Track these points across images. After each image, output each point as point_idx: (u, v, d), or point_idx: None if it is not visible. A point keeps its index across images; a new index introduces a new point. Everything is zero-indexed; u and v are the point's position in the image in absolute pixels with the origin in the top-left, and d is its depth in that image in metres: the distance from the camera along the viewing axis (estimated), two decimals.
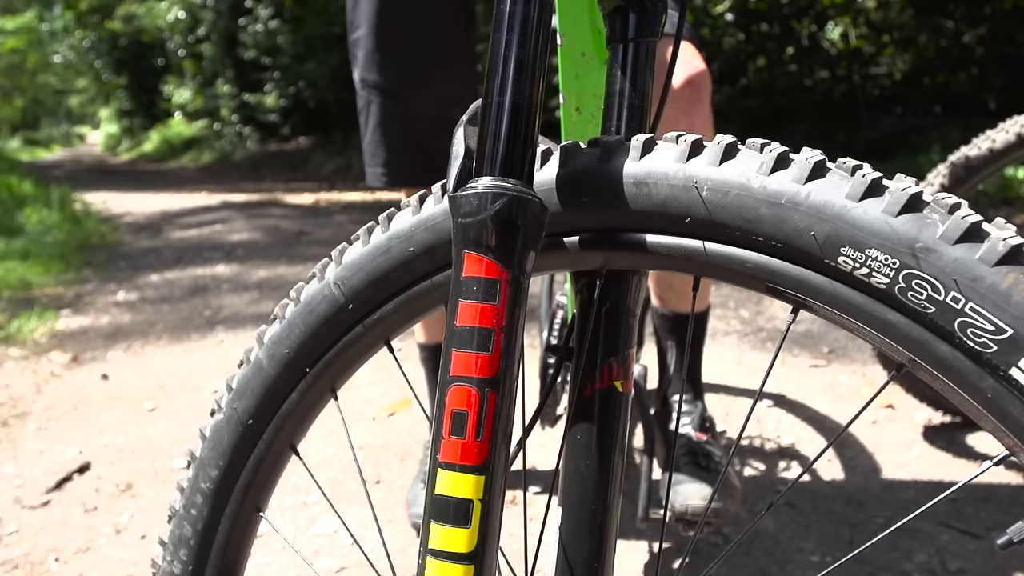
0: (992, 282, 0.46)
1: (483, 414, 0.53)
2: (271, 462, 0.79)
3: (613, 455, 0.67)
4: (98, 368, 2.95)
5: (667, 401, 1.58)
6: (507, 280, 0.54)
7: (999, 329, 0.46)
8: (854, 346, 2.81)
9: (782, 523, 1.73)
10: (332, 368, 0.74)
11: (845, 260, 0.50)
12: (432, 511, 0.53)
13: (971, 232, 0.47)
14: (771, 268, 0.54)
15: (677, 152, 0.58)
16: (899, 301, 0.49)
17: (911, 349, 0.49)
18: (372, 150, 1.65)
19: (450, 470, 0.53)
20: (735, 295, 3.58)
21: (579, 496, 0.68)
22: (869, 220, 0.49)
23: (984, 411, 0.47)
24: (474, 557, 0.53)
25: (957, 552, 1.61)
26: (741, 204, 0.54)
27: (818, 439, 2.13)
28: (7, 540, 1.77)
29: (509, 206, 0.54)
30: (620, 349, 0.68)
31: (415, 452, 2.09)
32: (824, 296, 0.52)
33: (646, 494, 1.37)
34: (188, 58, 17.20)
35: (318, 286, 0.73)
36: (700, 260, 0.57)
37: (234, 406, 0.77)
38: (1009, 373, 0.46)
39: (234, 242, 5.73)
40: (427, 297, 0.69)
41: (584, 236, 0.62)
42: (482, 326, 0.54)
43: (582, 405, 0.68)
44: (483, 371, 0.53)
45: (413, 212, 0.69)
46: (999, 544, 0.47)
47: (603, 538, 0.67)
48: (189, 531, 0.80)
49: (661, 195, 0.57)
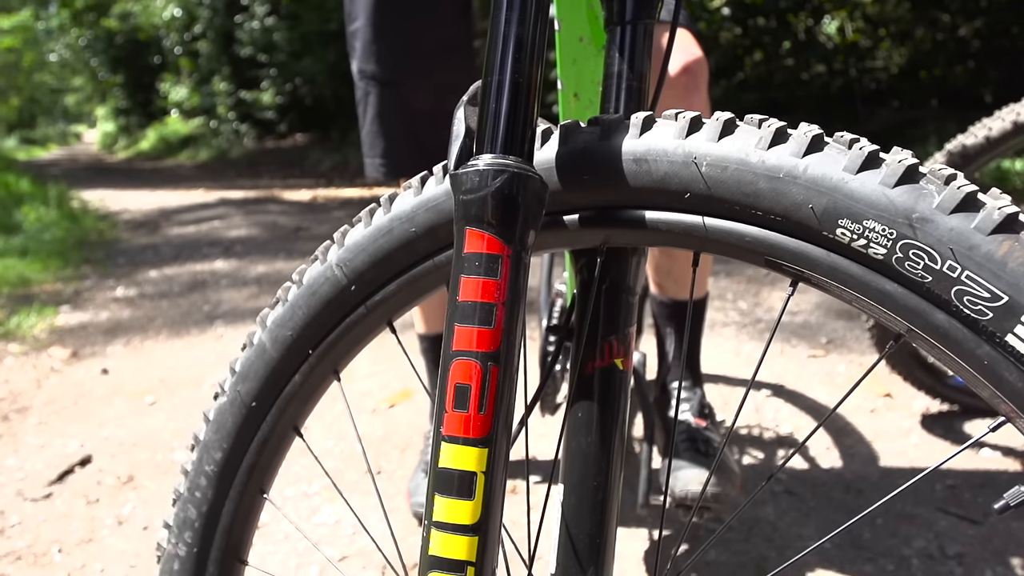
0: (988, 250, 0.47)
1: (486, 388, 0.54)
2: (275, 444, 0.79)
3: (614, 432, 0.68)
4: (98, 363, 2.95)
5: (666, 388, 1.58)
6: (508, 256, 0.55)
7: (995, 296, 0.46)
8: (852, 336, 2.82)
9: (781, 510, 1.74)
10: (335, 350, 0.75)
11: (843, 232, 0.51)
12: (436, 483, 0.54)
13: (967, 202, 0.48)
14: (770, 241, 0.55)
15: (676, 129, 0.58)
16: (896, 271, 0.50)
17: (908, 319, 0.50)
18: (371, 141, 1.65)
19: (453, 443, 0.54)
20: (733, 287, 3.59)
21: (580, 473, 0.69)
22: (866, 192, 0.50)
23: (981, 378, 0.48)
24: (478, 529, 0.53)
25: (955, 537, 1.62)
26: (740, 179, 0.55)
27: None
28: (9, 532, 1.78)
29: (510, 182, 0.55)
30: (620, 328, 0.69)
31: (415, 443, 2.10)
32: (822, 268, 0.53)
33: (646, 480, 1.37)
34: (184, 56, 17.19)
35: (320, 268, 0.74)
36: (700, 235, 0.58)
37: (237, 389, 0.78)
38: (1005, 340, 0.46)
39: (232, 238, 5.73)
40: (429, 277, 0.69)
41: (584, 214, 0.63)
42: (484, 301, 0.54)
43: (583, 383, 0.69)
44: (485, 345, 0.54)
45: (415, 193, 0.69)
46: (996, 508, 0.48)
47: (604, 514, 0.68)
48: (194, 513, 0.81)
49: (661, 171, 0.58)
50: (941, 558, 1.56)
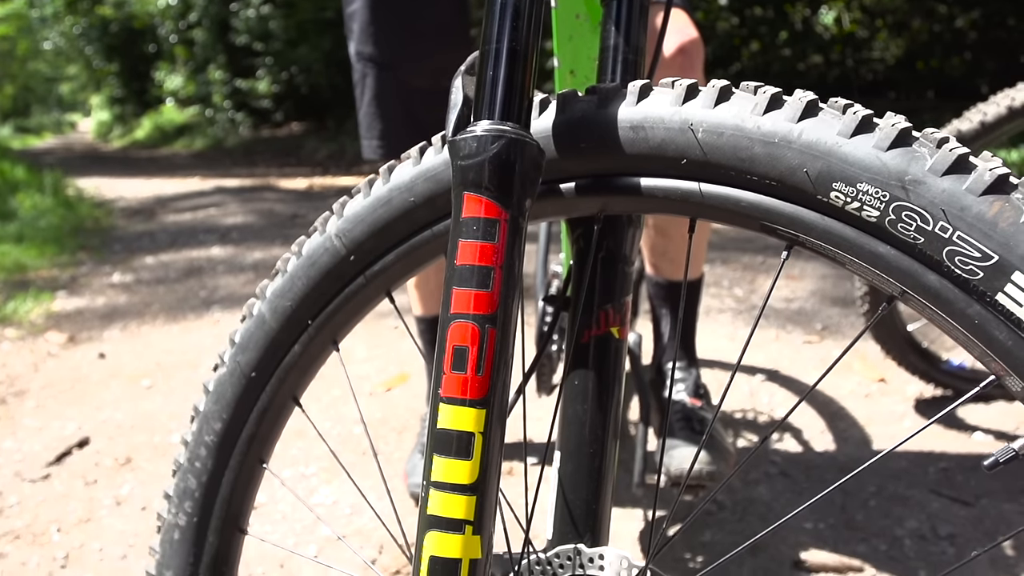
0: (979, 211, 0.47)
1: (483, 349, 0.54)
2: (274, 414, 0.80)
3: (610, 400, 0.69)
4: (95, 347, 2.95)
5: (662, 369, 1.60)
6: (506, 220, 0.56)
7: (986, 256, 0.47)
8: (847, 323, 2.83)
9: (776, 491, 1.75)
10: (334, 320, 0.76)
11: (837, 195, 0.52)
12: (434, 444, 0.55)
13: (959, 164, 0.48)
14: (765, 206, 0.55)
15: (673, 96, 0.59)
16: (889, 233, 0.50)
17: (901, 280, 0.51)
18: (368, 122, 1.65)
19: (452, 404, 0.54)
20: (729, 274, 3.60)
21: (577, 440, 0.69)
22: (860, 155, 0.51)
23: (972, 337, 0.49)
24: (476, 488, 0.54)
25: (947, 518, 1.63)
26: (736, 144, 0.55)
27: (810, 412, 2.15)
28: (8, 512, 1.78)
29: (507, 148, 0.56)
30: (616, 297, 0.69)
31: (412, 426, 2.10)
32: (817, 231, 0.54)
33: (641, 460, 1.38)
34: (180, 44, 17.10)
35: (319, 239, 0.74)
36: (696, 201, 0.58)
37: (237, 359, 0.79)
38: (995, 299, 0.47)
39: (228, 225, 5.73)
40: (428, 247, 0.70)
41: (581, 182, 0.63)
42: (482, 264, 0.55)
43: (579, 351, 0.70)
44: (483, 308, 0.54)
45: (414, 163, 0.70)
46: (986, 465, 0.49)
47: (600, 481, 0.69)
48: (194, 483, 0.81)
49: (658, 138, 0.59)
50: (933, 538, 1.58)
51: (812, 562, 1.51)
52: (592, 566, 0.66)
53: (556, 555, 0.67)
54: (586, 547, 0.66)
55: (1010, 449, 0.48)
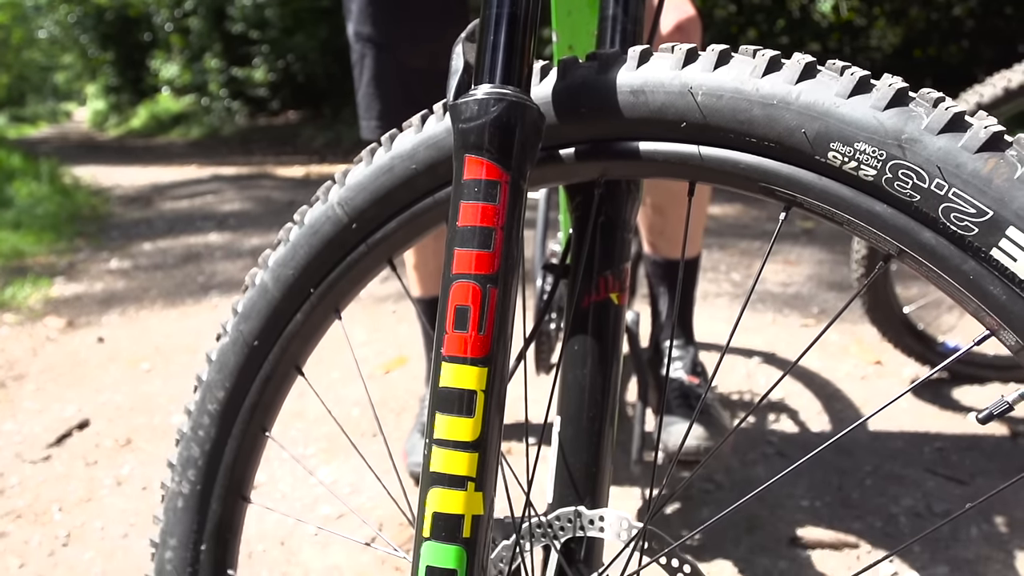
0: (974, 168, 0.48)
1: (485, 308, 0.55)
2: (276, 383, 0.81)
3: (609, 364, 0.70)
4: (93, 332, 2.96)
5: (659, 347, 1.60)
6: (507, 182, 0.56)
7: (980, 212, 0.48)
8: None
9: (773, 471, 1.76)
10: (336, 288, 0.76)
11: (834, 155, 0.52)
12: (437, 403, 0.55)
13: (954, 122, 0.49)
14: (764, 168, 0.56)
15: (672, 61, 0.59)
16: (886, 192, 0.51)
17: (897, 238, 0.51)
18: (367, 103, 1.66)
19: (454, 363, 0.55)
20: (727, 259, 3.61)
21: (577, 405, 0.70)
22: (857, 115, 0.51)
23: (967, 293, 0.49)
24: (478, 445, 0.55)
25: (942, 496, 1.65)
26: (735, 107, 0.56)
27: (807, 393, 2.16)
28: (9, 492, 1.79)
29: (508, 110, 0.56)
30: (616, 263, 0.70)
31: (411, 407, 2.11)
32: (814, 192, 0.54)
33: (640, 437, 1.39)
34: (175, 32, 17.03)
35: (322, 208, 0.75)
36: (695, 164, 0.59)
37: (240, 328, 0.79)
38: (990, 254, 0.48)
39: (226, 212, 5.72)
40: (429, 214, 0.71)
41: (582, 147, 0.64)
42: (483, 225, 0.56)
43: (579, 317, 0.70)
44: (484, 268, 0.55)
45: (415, 131, 0.70)
46: (979, 419, 0.50)
47: (600, 445, 0.70)
48: (197, 452, 0.82)
49: (657, 102, 0.59)
50: (928, 516, 1.59)
51: (808, 538, 1.52)
52: (592, 527, 0.67)
53: (557, 517, 0.68)
54: (586, 509, 0.67)
55: (1004, 402, 0.48)
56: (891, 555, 0.73)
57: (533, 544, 0.69)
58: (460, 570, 0.54)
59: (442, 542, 0.54)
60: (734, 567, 1.45)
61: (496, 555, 0.70)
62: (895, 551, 0.67)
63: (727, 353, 2.44)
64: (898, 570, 1.44)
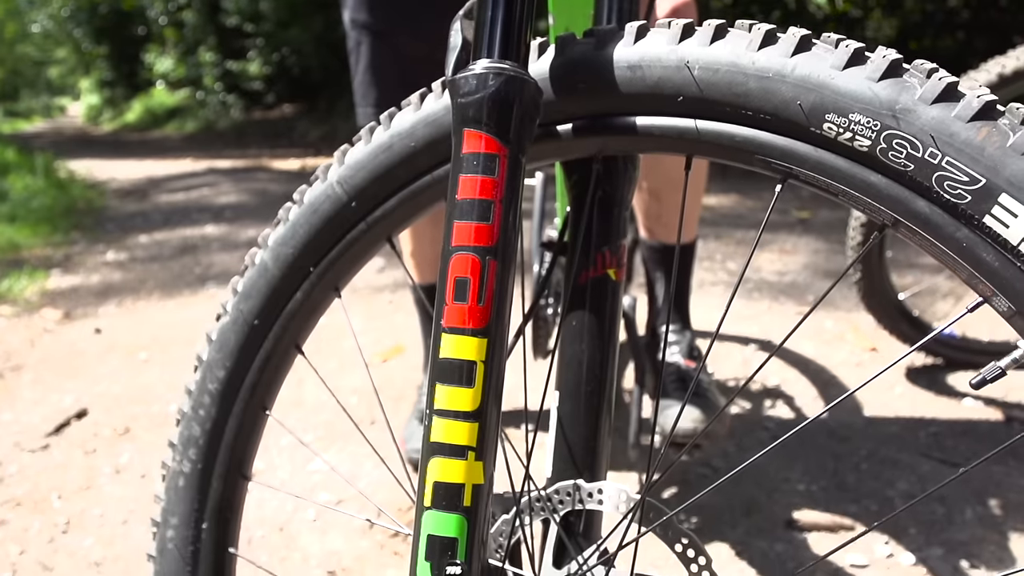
0: (967, 136, 0.49)
1: (484, 280, 0.55)
2: (277, 361, 0.81)
3: (607, 339, 0.70)
4: (91, 323, 2.96)
5: (656, 332, 1.61)
6: (505, 155, 0.57)
7: (973, 180, 0.48)
8: (839, 295, 2.85)
9: (769, 456, 1.77)
10: (335, 267, 0.77)
11: (830, 126, 0.53)
12: (437, 374, 0.56)
13: (947, 92, 0.50)
14: (760, 140, 0.57)
15: (669, 36, 0.60)
16: (880, 162, 0.52)
17: (892, 208, 0.52)
18: (363, 90, 1.66)
19: (454, 334, 0.56)
20: (722, 249, 3.61)
21: (575, 380, 0.71)
22: (852, 86, 0.52)
23: (960, 260, 0.50)
24: (478, 415, 0.55)
25: (937, 480, 1.66)
26: (731, 80, 0.56)
27: (803, 380, 2.18)
28: (8, 481, 1.80)
29: (506, 85, 0.57)
30: (613, 239, 0.71)
31: (409, 395, 2.12)
32: (810, 163, 0.55)
33: (636, 421, 1.40)
34: (169, 26, 16.96)
35: (321, 186, 0.75)
36: (692, 138, 0.60)
37: (240, 308, 0.80)
38: (983, 221, 0.49)
39: (222, 204, 5.72)
40: (428, 192, 0.71)
41: (579, 123, 0.64)
42: (482, 198, 0.56)
43: (577, 293, 0.71)
44: (483, 240, 0.56)
45: (414, 109, 0.71)
46: (972, 383, 0.50)
47: (598, 419, 0.70)
48: (197, 431, 0.83)
49: (654, 77, 0.60)
50: (924, 499, 1.60)
51: (804, 521, 1.53)
52: (591, 500, 0.67)
53: (556, 491, 0.69)
54: (585, 482, 0.68)
55: (996, 367, 0.49)
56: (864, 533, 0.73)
57: (533, 518, 0.70)
58: (461, 538, 0.55)
59: (443, 511, 0.55)
60: (731, 549, 1.46)
61: (496, 529, 0.71)
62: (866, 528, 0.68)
63: (724, 341, 2.45)
64: (893, 552, 1.45)
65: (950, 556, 1.44)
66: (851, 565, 1.42)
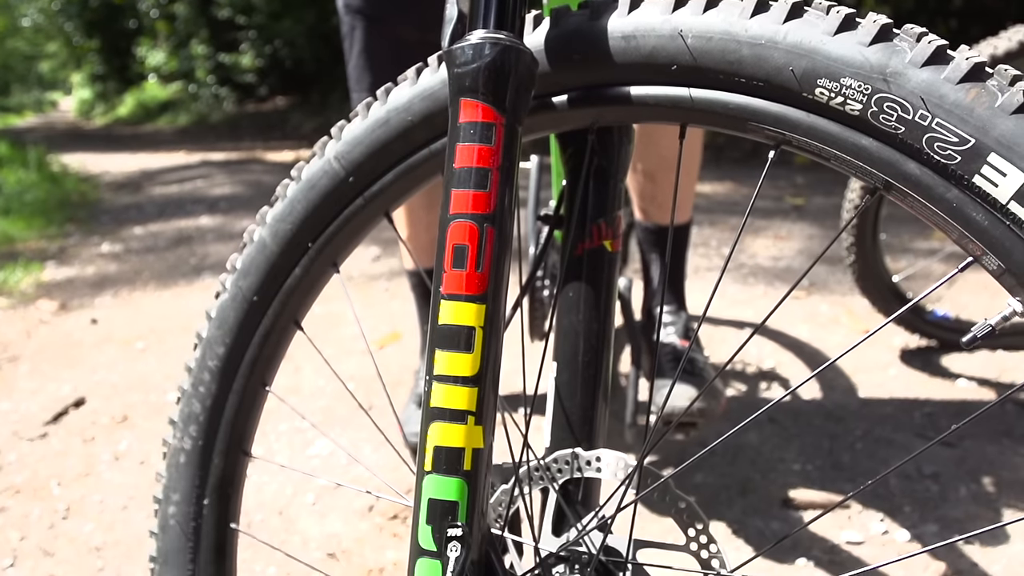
0: (956, 98, 0.49)
1: (483, 247, 0.56)
2: (276, 337, 0.82)
3: (603, 310, 0.71)
4: (87, 314, 2.96)
5: (652, 313, 1.62)
6: (502, 124, 0.57)
7: (963, 140, 0.49)
8: (833, 279, 2.86)
9: (764, 436, 1.79)
10: (333, 242, 0.77)
11: (821, 91, 0.54)
12: (437, 340, 0.57)
13: (937, 55, 0.50)
14: (752, 107, 0.57)
15: (663, 5, 0.60)
16: (872, 125, 0.52)
17: (883, 170, 0.53)
18: (357, 75, 1.66)
19: (453, 300, 0.56)
20: (717, 235, 3.62)
21: (572, 349, 0.72)
22: (844, 51, 0.53)
23: (951, 220, 0.51)
24: (478, 380, 0.56)
25: (931, 459, 1.67)
26: (724, 48, 0.57)
27: (798, 363, 2.19)
28: (8, 469, 1.80)
29: (502, 54, 0.57)
30: (609, 210, 0.72)
31: (406, 380, 2.13)
32: (802, 129, 0.56)
33: (633, 402, 1.41)
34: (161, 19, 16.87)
35: (319, 163, 0.76)
36: (686, 107, 0.60)
37: (239, 284, 0.80)
38: (972, 181, 0.49)
39: (216, 196, 5.71)
40: (425, 166, 0.72)
41: (574, 94, 0.65)
42: (479, 166, 0.57)
43: (573, 264, 0.72)
44: (481, 207, 0.56)
45: (410, 84, 0.71)
46: (964, 342, 0.51)
47: (595, 388, 0.71)
48: (198, 408, 0.83)
49: (649, 46, 0.60)
50: (918, 477, 1.62)
51: (800, 500, 1.55)
52: (590, 468, 0.68)
53: (555, 460, 0.69)
54: (583, 451, 0.68)
55: (987, 324, 0.50)
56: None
57: (532, 487, 0.71)
58: (462, 502, 0.56)
59: (444, 475, 0.56)
60: (728, 528, 1.47)
61: (495, 499, 0.71)
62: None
63: (720, 325, 2.46)
64: (888, 528, 1.46)
65: (945, 533, 1.45)
66: (847, 542, 1.44)
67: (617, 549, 0.67)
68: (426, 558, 0.56)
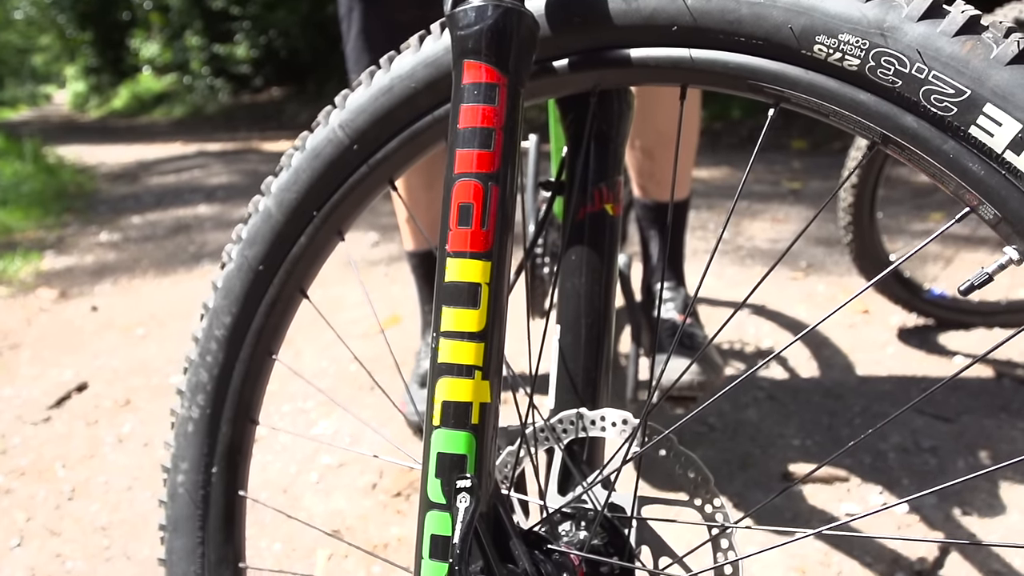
0: (952, 50, 0.50)
1: (487, 205, 0.57)
2: (282, 306, 0.83)
3: (605, 272, 0.72)
4: (87, 301, 2.97)
5: (651, 289, 1.63)
6: (505, 84, 0.58)
7: (959, 91, 0.50)
8: (831, 261, 2.87)
9: (764, 413, 1.80)
10: (338, 210, 0.78)
11: (820, 48, 0.54)
12: (443, 297, 0.58)
13: (933, 9, 0.51)
14: (752, 66, 0.58)
15: None
16: (869, 80, 0.53)
17: (881, 124, 0.54)
18: (356, 56, 1.66)
19: (458, 258, 0.57)
20: (715, 218, 3.63)
21: (575, 312, 0.73)
22: (841, 7, 0.54)
23: (947, 172, 0.52)
24: (484, 336, 0.57)
25: (929, 433, 1.69)
26: (723, 7, 0.58)
27: (797, 342, 2.20)
28: (12, 452, 1.81)
29: (504, 16, 0.58)
30: (609, 174, 0.72)
31: (407, 362, 2.14)
32: (801, 86, 0.56)
33: (634, 377, 1.42)
34: (154, 10, 16.84)
35: (323, 131, 0.77)
36: (687, 68, 0.61)
37: (245, 254, 0.81)
38: (968, 132, 0.50)
39: (214, 185, 5.71)
40: (429, 132, 0.73)
41: (575, 58, 0.66)
42: (483, 126, 0.58)
43: (576, 229, 0.73)
44: (485, 166, 0.57)
45: (413, 51, 0.72)
46: (961, 290, 0.52)
47: (598, 351, 0.72)
48: (205, 377, 0.84)
49: (649, 8, 0.61)
50: (916, 451, 1.64)
51: (800, 474, 1.56)
52: (594, 428, 0.69)
53: (559, 420, 0.71)
54: (587, 411, 0.70)
55: (984, 273, 0.51)
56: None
57: (537, 448, 0.72)
58: (470, 455, 0.57)
59: (452, 428, 0.57)
60: (728, 502, 1.49)
61: (502, 461, 0.73)
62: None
63: (718, 306, 2.48)
64: (887, 501, 1.48)
65: (943, 504, 1.47)
66: (846, 514, 1.45)
67: (621, 506, 0.68)
68: (436, 511, 0.57)
